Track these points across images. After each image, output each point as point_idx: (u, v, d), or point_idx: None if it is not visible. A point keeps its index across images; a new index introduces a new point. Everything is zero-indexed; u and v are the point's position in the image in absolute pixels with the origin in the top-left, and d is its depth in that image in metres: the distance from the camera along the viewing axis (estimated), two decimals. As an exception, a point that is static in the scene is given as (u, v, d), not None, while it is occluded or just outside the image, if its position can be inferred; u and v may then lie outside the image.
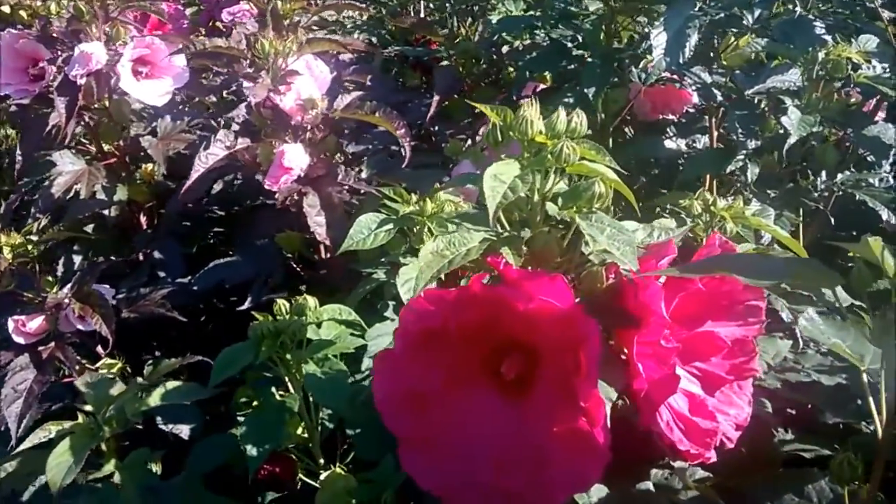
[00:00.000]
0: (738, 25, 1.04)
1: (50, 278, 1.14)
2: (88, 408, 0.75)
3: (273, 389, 0.82)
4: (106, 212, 1.30)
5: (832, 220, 1.10)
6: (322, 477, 0.84)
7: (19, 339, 1.10)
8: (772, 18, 1.02)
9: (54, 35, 1.19)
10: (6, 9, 1.23)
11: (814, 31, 0.99)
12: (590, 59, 1.08)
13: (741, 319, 0.65)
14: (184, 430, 1.07)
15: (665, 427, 0.57)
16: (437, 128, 1.40)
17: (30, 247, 1.11)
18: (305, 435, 0.86)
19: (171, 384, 0.79)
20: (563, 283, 0.53)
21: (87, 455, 0.76)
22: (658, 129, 1.28)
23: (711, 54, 1.14)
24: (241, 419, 0.80)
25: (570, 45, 1.18)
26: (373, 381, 0.59)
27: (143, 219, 1.41)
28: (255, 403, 0.82)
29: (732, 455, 0.84)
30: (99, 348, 1.15)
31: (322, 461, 0.87)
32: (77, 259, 1.36)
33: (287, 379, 0.84)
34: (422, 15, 1.82)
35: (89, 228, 1.41)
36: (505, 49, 1.31)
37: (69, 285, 1.12)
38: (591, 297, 0.60)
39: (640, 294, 0.58)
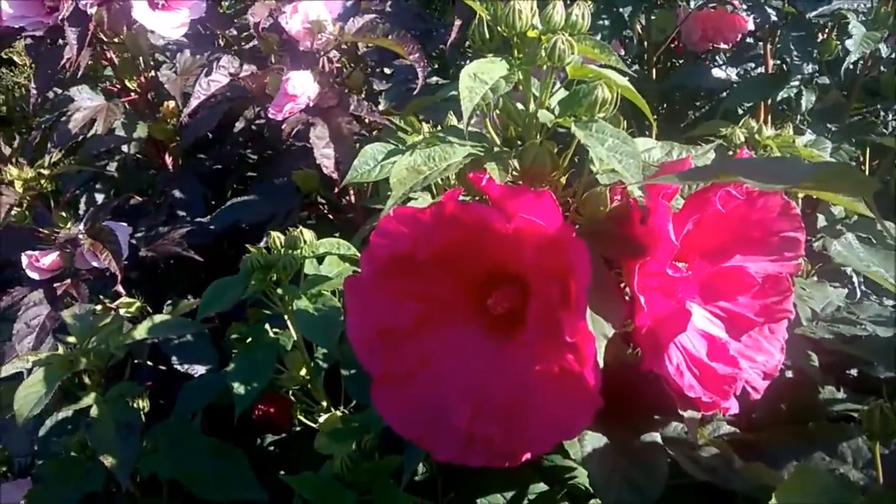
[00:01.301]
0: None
1: (64, 214, 1.11)
2: (72, 339, 0.72)
3: (267, 326, 0.77)
4: (125, 148, 1.27)
5: (902, 157, 0.98)
6: (321, 420, 0.79)
7: (33, 275, 1.08)
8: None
9: (67, -37, 1.15)
10: (21, -63, 1.18)
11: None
12: (627, -23, 0.97)
13: (776, 254, 0.56)
14: (200, 371, 1.04)
15: (674, 371, 0.50)
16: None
17: (42, 181, 1.08)
18: (307, 375, 0.81)
19: (159, 318, 0.75)
20: (550, 199, 0.45)
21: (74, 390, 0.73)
22: (709, 60, 1.17)
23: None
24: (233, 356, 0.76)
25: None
26: (345, 311, 0.53)
27: (168, 158, 1.37)
28: (248, 340, 0.78)
29: (770, 411, 0.76)
30: (119, 287, 1.13)
31: (325, 403, 0.82)
32: (100, 197, 1.35)
33: (286, 316, 0.79)
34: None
35: (113, 166, 1.39)
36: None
37: (83, 223, 1.10)
38: (592, 221, 0.52)
39: (648, 218, 0.49)
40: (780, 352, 0.56)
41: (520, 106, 0.55)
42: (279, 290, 0.74)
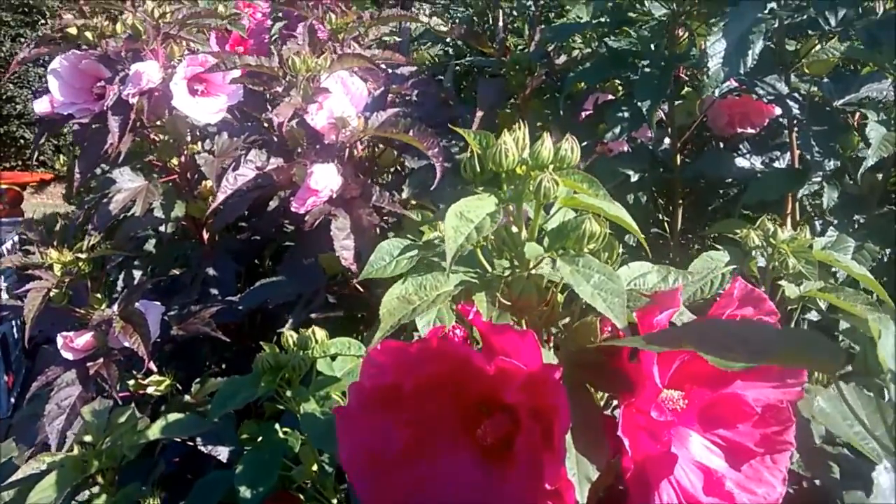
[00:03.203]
0: (818, 28, 0.92)
1: (99, 295, 1.16)
2: (89, 438, 0.74)
3: (276, 426, 0.78)
4: (162, 228, 1.32)
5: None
6: (328, 522, 0.79)
7: (67, 355, 1.12)
8: (857, 19, 0.89)
9: (112, 56, 1.21)
10: (72, 30, 1.26)
11: (906, 32, 0.85)
12: (647, 69, 0.98)
13: (777, 380, 0.55)
14: (222, 453, 1.06)
15: (664, 511, 0.48)
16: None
17: (81, 264, 1.13)
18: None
19: (173, 416, 0.77)
20: (532, 341, 0.45)
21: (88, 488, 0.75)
22: (733, 146, 1.16)
23: (790, 60, 1.01)
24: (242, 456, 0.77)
25: (631, 52, 1.08)
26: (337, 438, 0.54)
27: (205, 233, 1.42)
28: (259, 439, 0.79)
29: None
30: (151, 364, 1.16)
31: (335, 502, 0.82)
32: (137, 274, 1.40)
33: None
34: (500, 24, 1.76)
35: (151, 244, 1.44)
36: (563, 59, 1.22)
37: (117, 304, 1.14)
38: (582, 351, 0.52)
39: (639, 353, 0.49)
40: (782, 483, 0.55)
41: (514, 228, 0.56)
42: (288, 392, 0.75)
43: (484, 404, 0.52)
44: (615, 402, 0.57)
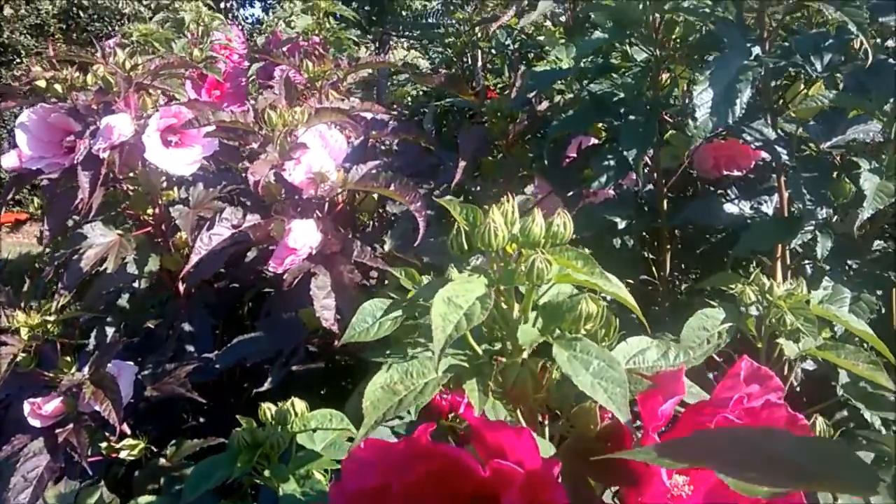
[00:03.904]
0: (801, 68, 0.90)
1: (69, 358, 1.10)
2: (53, 527, 0.69)
3: (256, 505, 0.74)
4: (136, 283, 1.27)
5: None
6: None
7: (35, 422, 1.07)
8: (842, 65, 0.88)
9: (82, 109, 1.18)
10: (41, 83, 1.22)
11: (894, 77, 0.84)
12: (631, 117, 0.96)
13: (787, 459, 0.52)
14: (202, 522, 1.01)
15: None
16: (478, 188, 1.31)
17: (49, 326, 1.08)
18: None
19: (144, 500, 0.72)
20: (529, 439, 0.42)
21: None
22: (721, 189, 1.14)
23: (778, 103, 0.99)
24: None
25: (615, 98, 1.06)
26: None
27: (180, 286, 1.37)
28: (237, 520, 0.74)
29: None
30: (125, 426, 1.11)
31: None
32: (110, 331, 1.34)
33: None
34: (479, 64, 1.75)
35: (124, 298, 1.39)
36: (545, 105, 1.20)
37: (87, 366, 1.09)
38: (582, 439, 0.48)
39: (642, 443, 0.46)
40: (798, 572, 0.51)
41: (505, 304, 0.52)
42: (266, 473, 0.70)
43: (480, 497, 0.48)
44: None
